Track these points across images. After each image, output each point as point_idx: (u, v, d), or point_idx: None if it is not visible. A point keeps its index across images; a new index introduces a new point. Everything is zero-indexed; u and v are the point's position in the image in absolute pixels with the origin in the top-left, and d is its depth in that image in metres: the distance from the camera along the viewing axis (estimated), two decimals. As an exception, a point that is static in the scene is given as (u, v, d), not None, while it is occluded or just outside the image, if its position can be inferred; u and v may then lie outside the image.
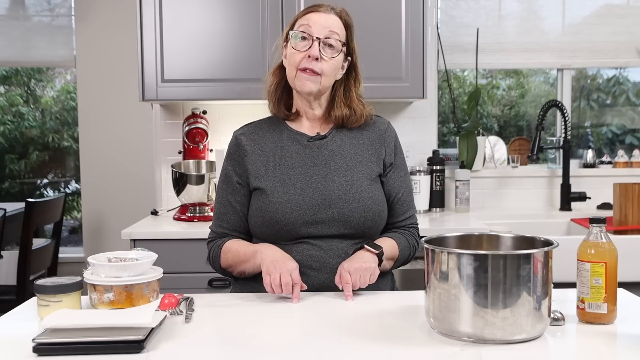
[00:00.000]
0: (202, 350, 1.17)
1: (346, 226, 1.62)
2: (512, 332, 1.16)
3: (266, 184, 1.64)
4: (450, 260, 1.18)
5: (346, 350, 1.15)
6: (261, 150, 1.69)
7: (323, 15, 1.64)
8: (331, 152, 1.68)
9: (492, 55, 3.20)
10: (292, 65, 1.64)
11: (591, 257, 1.28)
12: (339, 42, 1.64)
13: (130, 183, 4.01)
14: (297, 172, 1.65)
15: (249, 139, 1.71)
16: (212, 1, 2.71)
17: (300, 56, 1.62)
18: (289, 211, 1.60)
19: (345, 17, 1.68)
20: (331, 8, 1.67)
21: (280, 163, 1.66)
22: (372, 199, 1.65)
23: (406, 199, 1.73)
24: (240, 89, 2.73)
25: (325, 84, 1.65)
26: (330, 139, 1.69)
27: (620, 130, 3.64)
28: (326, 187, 1.63)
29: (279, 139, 1.70)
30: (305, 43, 1.62)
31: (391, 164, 1.72)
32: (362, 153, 1.70)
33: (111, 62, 3.96)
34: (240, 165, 1.69)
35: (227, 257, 1.66)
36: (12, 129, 5.00)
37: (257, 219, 1.64)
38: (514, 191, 3.16)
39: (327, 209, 1.61)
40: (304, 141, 1.69)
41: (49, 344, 1.14)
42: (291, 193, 1.62)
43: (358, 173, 1.67)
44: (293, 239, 1.62)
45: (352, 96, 1.70)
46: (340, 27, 1.66)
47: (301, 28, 1.63)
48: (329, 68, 1.63)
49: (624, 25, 3.19)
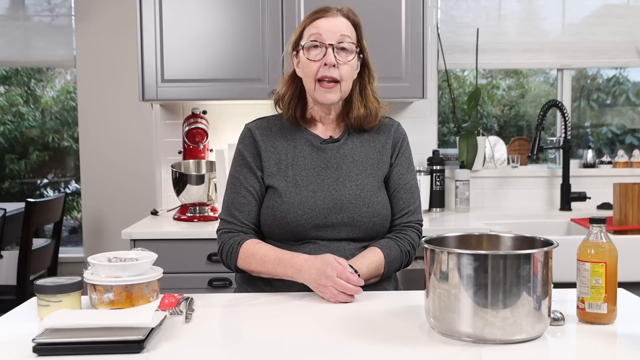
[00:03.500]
0: (202, 350, 1.17)
1: (355, 230, 1.62)
2: (512, 332, 1.16)
3: (279, 184, 1.64)
4: (450, 260, 1.18)
5: (346, 350, 1.15)
6: (274, 148, 1.68)
7: (331, 20, 1.62)
8: (343, 156, 1.67)
9: (492, 55, 3.20)
10: (309, 77, 1.62)
11: (591, 257, 1.28)
12: (352, 44, 1.62)
13: (130, 183, 4.01)
14: (309, 174, 1.65)
15: (262, 134, 1.70)
16: (212, 1, 2.71)
17: (317, 65, 1.60)
18: (301, 213, 1.60)
19: (352, 17, 1.66)
20: (337, 10, 1.65)
21: (293, 163, 1.66)
22: (380, 204, 1.64)
23: (403, 195, 1.70)
24: (240, 89, 2.73)
25: (345, 89, 1.64)
26: (343, 142, 1.69)
27: (620, 130, 3.64)
28: (337, 191, 1.63)
29: (292, 138, 1.69)
30: (318, 51, 1.60)
31: (392, 164, 1.72)
32: (373, 156, 1.69)
33: (111, 62, 3.96)
34: (257, 157, 1.68)
35: (250, 262, 1.60)
36: (12, 129, 5.00)
37: (268, 217, 1.64)
38: (514, 191, 3.16)
39: (338, 213, 1.61)
40: (317, 143, 1.68)
41: (49, 344, 1.14)
42: (303, 195, 1.61)
43: (368, 177, 1.66)
44: (301, 240, 1.62)
45: (368, 94, 1.70)
46: (350, 29, 1.64)
47: (312, 37, 1.61)
48: (347, 72, 1.62)
49: (624, 25, 3.19)
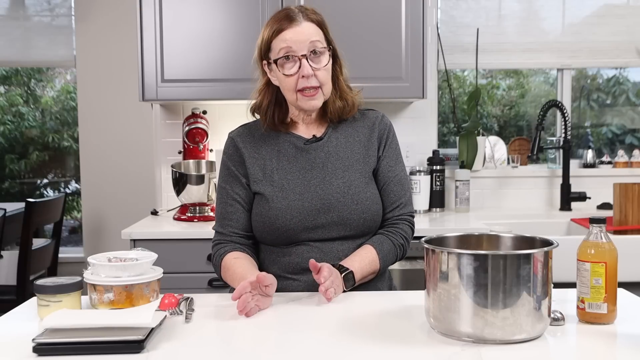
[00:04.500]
0: (202, 350, 1.17)
1: (346, 229, 1.62)
2: (512, 332, 1.16)
3: (265, 189, 1.64)
4: (450, 260, 1.18)
5: (346, 350, 1.15)
6: (258, 154, 1.68)
7: (297, 30, 1.57)
8: (328, 154, 1.67)
9: (492, 55, 3.20)
10: (289, 90, 1.61)
11: (591, 257, 1.28)
12: (323, 48, 1.60)
13: (130, 183, 4.01)
14: (295, 176, 1.64)
15: (245, 141, 1.69)
16: (212, 1, 2.71)
17: (294, 79, 1.59)
18: (289, 217, 1.60)
19: (315, 17, 1.62)
20: (298, 12, 1.60)
21: (278, 167, 1.66)
22: (370, 199, 1.64)
23: (393, 188, 1.68)
24: (240, 89, 2.72)
25: (327, 92, 1.64)
26: (326, 140, 1.68)
27: (620, 130, 3.64)
28: (324, 190, 1.62)
29: (275, 142, 1.68)
30: (292, 64, 1.58)
31: (379, 157, 1.70)
32: (358, 151, 1.69)
33: (111, 62, 3.96)
34: (241, 166, 1.68)
35: (226, 276, 1.64)
36: (12, 129, 5.01)
37: (258, 224, 1.64)
38: (514, 191, 3.16)
39: (327, 213, 1.61)
40: (300, 144, 1.67)
41: (49, 344, 1.14)
42: (290, 199, 1.61)
43: (355, 173, 1.66)
44: (293, 243, 1.62)
45: (341, 85, 1.68)
46: (317, 31, 1.60)
47: (282, 52, 1.58)
48: (324, 76, 1.61)
49: (624, 25, 3.19)
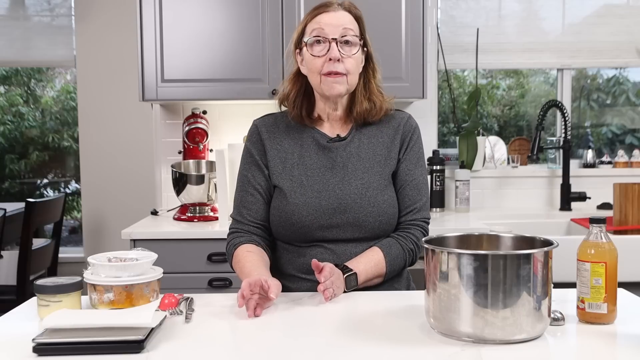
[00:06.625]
0: (202, 350, 1.17)
1: (361, 230, 1.62)
2: (512, 332, 1.16)
3: (284, 184, 1.64)
4: (450, 260, 1.18)
5: (346, 350, 1.15)
6: (280, 146, 1.68)
7: (333, 14, 1.61)
8: (349, 154, 1.66)
9: (492, 55, 3.20)
10: (314, 72, 1.61)
11: (591, 257, 1.28)
12: (355, 37, 1.61)
13: (130, 183, 4.00)
14: (314, 173, 1.64)
15: (269, 132, 1.70)
16: (212, 1, 2.71)
17: (321, 61, 1.59)
18: (305, 214, 1.60)
19: (354, 10, 1.65)
20: (338, 4, 1.64)
21: (299, 163, 1.65)
22: (387, 202, 1.63)
23: (409, 192, 1.67)
24: (240, 89, 2.73)
25: (352, 82, 1.63)
26: (350, 140, 1.68)
27: (620, 130, 3.64)
28: (342, 190, 1.62)
29: (299, 137, 1.68)
30: (322, 47, 1.59)
31: (399, 159, 1.69)
32: (380, 152, 1.68)
33: (111, 62, 3.95)
34: (264, 155, 1.68)
35: (236, 267, 1.64)
36: (12, 129, 5.00)
37: (275, 217, 1.64)
38: (514, 191, 3.16)
39: (343, 214, 1.61)
40: (323, 142, 1.67)
41: (49, 344, 1.14)
42: (308, 195, 1.61)
43: (375, 175, 1.65)
44: (308, 241, 1.62)
45: (372, 87, 1.69)
46: (353, 22, 1.63)
47: (314, 33, 1.60)
48: (352, 65, 1.61)
49: (624, 25, 3.19)
